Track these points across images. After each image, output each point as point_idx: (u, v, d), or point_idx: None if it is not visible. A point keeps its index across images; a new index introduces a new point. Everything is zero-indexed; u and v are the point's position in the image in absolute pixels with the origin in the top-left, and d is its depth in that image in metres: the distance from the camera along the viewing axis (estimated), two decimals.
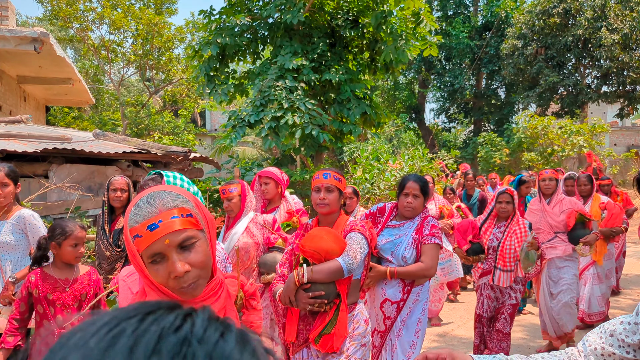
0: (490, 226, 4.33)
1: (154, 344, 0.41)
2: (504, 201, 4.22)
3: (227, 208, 3.66)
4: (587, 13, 17.28)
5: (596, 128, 16.56)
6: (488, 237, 4.27)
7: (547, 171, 4.89)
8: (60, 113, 16.86)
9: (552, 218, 4.73)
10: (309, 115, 6.77)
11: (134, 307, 0.46)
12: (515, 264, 4.10)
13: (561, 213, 4.70)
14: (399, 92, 23.70)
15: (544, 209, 4.78)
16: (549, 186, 4.79)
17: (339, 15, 8.26)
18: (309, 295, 2.50)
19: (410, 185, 3.22)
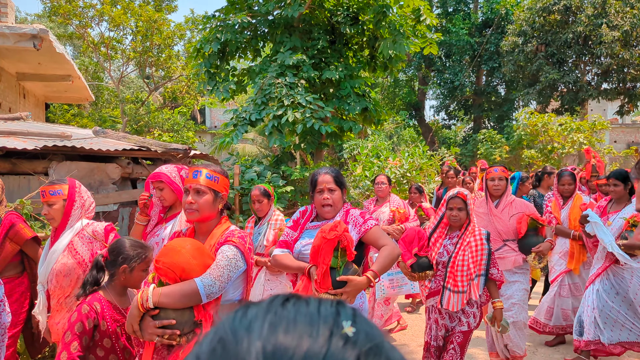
0: (441, 236, 3.59)
1: (333, 309, 0.48)
2: (455, 207, 3.47)
3: (47, 216, 2.95)
4: (587, 10, 17.25)
5: (596, 125, 16.54)
6: (437, 249, 3.53)
7: (497, 169, 4.23)
8: (59, 110, 16.84)
9: (500, 223, 4.13)
10: (310, 110, 6.77)
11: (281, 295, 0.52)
12: (468, 284, 3.37)
13: (511, 217, 4.09)
14: (398, 89, 23.68)
15: (491, 212, 4.17)
16: (498, 187, 4.17)
17: (339, 12, 8.24)
18: (156, 324, 1.99)
19: (322, 180, 2.79)
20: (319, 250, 2.47)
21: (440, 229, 3.61)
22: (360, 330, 0.46)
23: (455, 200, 3.49)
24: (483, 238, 3.44)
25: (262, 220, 4.40)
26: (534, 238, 4.03)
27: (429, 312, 3.60)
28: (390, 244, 2.69)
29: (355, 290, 2.44)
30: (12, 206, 4.48)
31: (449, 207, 3.50)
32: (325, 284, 2.44)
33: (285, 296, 0.51)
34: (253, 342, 0.44)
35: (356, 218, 2.79)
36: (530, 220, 4.02)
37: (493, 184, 4.20)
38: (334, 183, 2.79)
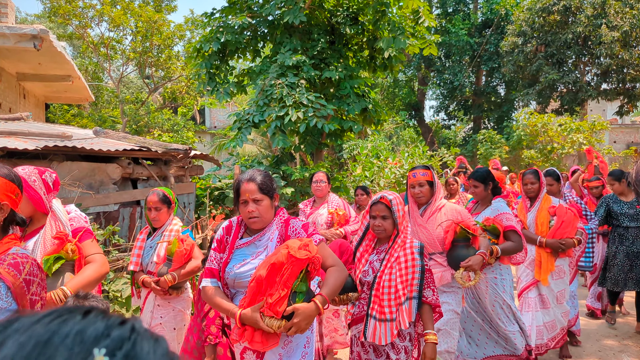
0: (367, 251, 2.97)
1: (102, 330, 0.45)
2: (377, 215, 2.85)
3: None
4: (587, 10, 17.27)
5: (596, 125, 16.57)
6: (362, 266, 2.91)
7: (416, 172, 3.58)
8: (59, 110, 16.84)
9: (425, 234, 3.51)
10: (312, 109, 6.78)
11: (68, 308, 0.49)
12: (397, 309, 2.72)
13: (438, 226, 3.49)
14: (398, 89, 23.70)
15: (414, 222, 3.56)
16: (420, 195, 3.54)
17: (339, 12, 8.26)
18: None
19: (245, 190, 2.39)
20: (280, 269, 2.12)
21: (367, 242, 2.98)
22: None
23: (377, 206, 2.86)
24: (415, 252, 2.81)
25: (157, 231, 3.67)
26: (463, 250, 3.34)
27: (352, 344, 2.97)
28: (338, 265, 2.39)
29: (305, 320, 2.14)
30: None
31: (371, 215, 2.90)
32: (276, 308, 2.12)
33: (57, 312, 0.47)
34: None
35: (298, 232, 2.40)
36: (460, 229, 3.34)
37: (413, 192, 3.55)
38: (260, 192, 2.39)
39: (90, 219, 5.12)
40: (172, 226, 3.64)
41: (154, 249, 3.58)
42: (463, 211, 3.56)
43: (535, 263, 4.38)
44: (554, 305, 4.43)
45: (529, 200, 4.54)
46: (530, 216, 4.47)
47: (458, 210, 3.53)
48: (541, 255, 4.35)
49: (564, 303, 4.45)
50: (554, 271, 4.36)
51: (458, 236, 3.36)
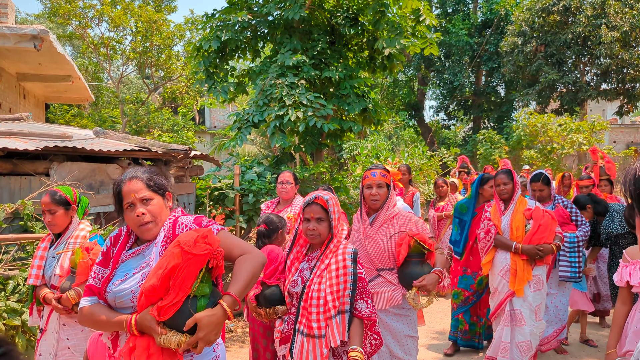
0: (298, 258, 2.67)
1: None
2: (312, 217, 2.55)
3: None
4: (586, 10, 17.28)
5: (595, 125, 16.57)
6: (292, 275, 2.60)
7: (375, 172, 3.16)
8: (59, 110, 16.85)
9: (374, 246, 3.07)
10: (312, 109, 6.79)
11: None
12: (326, 324, 2.40)
13: (390, 238, 3.04)
14: (398, 89, 23.71)
15: (364, 232, 3.13)
16: (376, 197, 3.11)
17: (339, 13, 8.26)
18: None
19: (129, 190, 1.98)
20: (175, 273, 1.72)
21: (298, 248, 2.67)
22: None
23: (312, 208, 2.55)
24: (347, 258, 2.48)
25: (60, 238, 3.16)
26: (417, 267, 2.92)
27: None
28: (249, 252, 1.93)
29: (212, 331, 1.74)
30: (14, 207, 4.50)
31: (304, 217, 2.58)
32: (168, 315, 1.73)
33: None
34: None
35: (190, 228, 1.95)
36: (414, 242, 2.92)
37: (370, 194, 3.12)
38: (148, 189, 2.00)
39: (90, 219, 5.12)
40: (77, 232, 3.13)
41: (57, 259, 3.06)
42: (418, 221, 3.14)
43: (510, 272, 3.95)
44: (531, 322, 3.90)
45: (502, 203, 4.17)
46: (505, 220, 4.09)
47: (413, 220, 3.12)
48: (517, 264, 3.92)
49: (543, 320, 4.00)
50: (532, 281, 3.91)
51: (412, 251, 2.93)
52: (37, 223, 4.54)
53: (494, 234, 4.07)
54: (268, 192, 7.16)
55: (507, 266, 3.97)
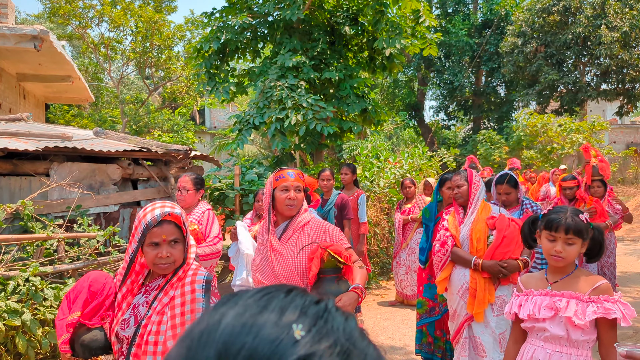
0: (132, 290, 2.04)
1: (301, 307, 0.54)
2: (165, 242, 1.96)
3: None
4: (586, 11, 17.29)
5: (595, 126, 16.59)
6: (123, 314, 1.99)
7: (293, 173, 2.65)
8: (59, 111, 16.85)
9: (282, 262, 2.56)
10: (312, 111, 6.79)
11: (274, 286, 0.59)
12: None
13: (300, 252, 2.56)
14: (398, 89, 23.71)
15: (269, 244, 2.60)
16: (294, 201, 2.59)
17: (339, 13, 8.27)
18: None
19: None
20: None
21: (133, 277, 1.99)
22: (314, 334, 0.51)
23: (163, 228, 1.92)
24: (197, 289, 1.91)
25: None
26: (332, 285, 2.49)
27: None
28: None
29: None
30: (14, 207, 4.50)
31: (152, 240, 1.92)
32: None
33: (267, 289, 0.58)
34: None
35: None
36: (328, 255, 2.48)
37: (287, 197, 2.59)
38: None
39: (90, 219, 5.13)
40: None
41: None
42: (333, 230, 2.66)
43: (469, 292, 3.30)
44: (495, 353, 3.24)
45: (462, 210, 3.56)
46: (464, 230, 3.45)
47: (327, 229, 2.64)
48: (477, 282, 3.26)
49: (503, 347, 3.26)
50: (495, 304, 3.26)
51: (325, 265, 2.49)
52: (37, 223, 4.55)
53: (451, 247, 3.45)
54: None
55: (466, 285, 3.34)
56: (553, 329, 2.12)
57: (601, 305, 2.05)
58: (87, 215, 5.22)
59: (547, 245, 2.19)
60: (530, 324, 2.20)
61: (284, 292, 0.57)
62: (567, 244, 2.14)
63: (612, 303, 2.05)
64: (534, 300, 2.20)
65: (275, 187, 2.63)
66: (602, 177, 5.74)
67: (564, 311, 2.09)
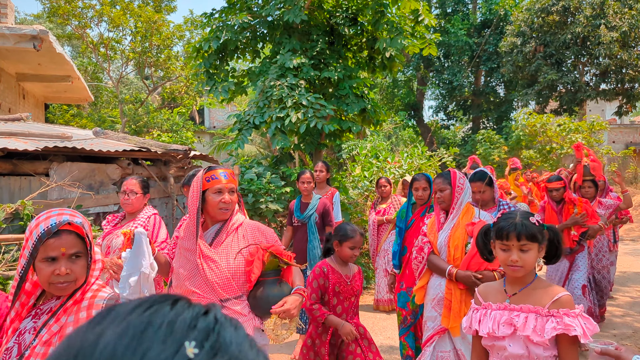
0: (20, 314, 1.69)
1: (190, 321, 0.48)
2: (64, 255, 1.63)
3: None
4: (586, 11, 17.31)
5: (595, 126, 16.60)
6: (7, 342, 1.68)
7: (226, 173, 2.44)
8: (59, 110, 16.85)
9: (216, 270, 2.33)
10: (312, 110, 6.79)
11: (157, 297, 0.52)
12: None
13: (236, 256, 2.36)
14: (397, 89, 23.72)
15: (200, 252, 2.36)
16: (227, 204, 2.40)
17: (338, 13, 8.27)
18: None
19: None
20: None
21: (24, 298, 1.68)
22: (208, 351, 0.45)
23: (61, 239, 1.60)
24: (93, 315, 1.33)
25: None
26: (274, 288, 2.32)
27: None
28: None
29: None
30: (14, 207, 4.51)
31: (48, 255, 1.60)
32: None
33: (149, 300, 0.50)
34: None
35: None
36: (270, 256, 2.32)
37: (221, 200, 2.37)
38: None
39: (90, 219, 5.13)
40: None
41: None
42: (268, 231, 2.51)
43: (444, 303, 3.08)
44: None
45: (444, 214, 3.30)
46: (442, 236, 3.21)
47: (262, 230, 2.49)
48: (452, 293, 3.04)
49: None
50: None
51: (267, 268, 2.33)
52: None
53: (427, 254, 3.22)
54: (267, 192, 7.17)
55: (441, 294, 3.11)
56: (513, 347, 1.95)
57: (561, 321, 1.88)
58: (87, 215, 5.22)
59: (502, 256, 2.01)
60: (489, 342, 2.02)
61: (169, 303, 0.50)
62: (522, 251, 1.97)
63: (572, 318, 1.88)
64: (493, 315, 2.02)
65: (206, 188, 2.39)
66: (593, 177, 5.45)
67: (522, 329, 1.92)
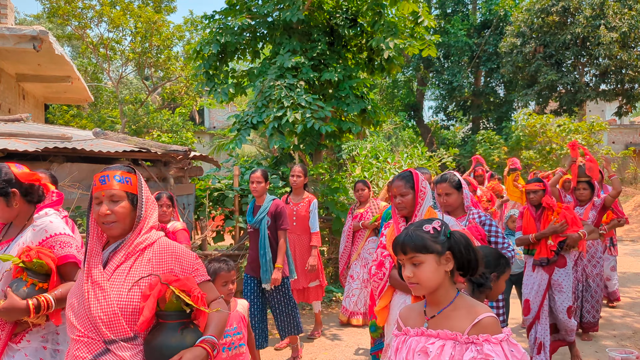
0: None
1: None
2: None
3: None
4: (585, 11, 17.31)
5: (594, 126, 16.62)
6: None
7: (109, 175, 2.00)
8: (59, 111, 16.86)
9: (104, 301, 1.80)
10: (311, 110, 6.79)
11: None
12: None
13: (132, 287, 1.82)
14: (397, 90, 23.73)
15: (90, 277, 1.85)
16: (111, 217, 1.87)
17: (338, 14, 8.27)
18: None
19: None
20: None
21: None
22: None
23: None
24: None
25: None
26: (174, 335, 1.78)
27: None
28: None
29: None
30: None
31: None
32: None
33: None
34: None
35: None
36: (172, 294, 1.77)
37: (100, 212, 1.87)
38: None
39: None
40: None
41: None
42: (186, 256, 1.94)
43: None
44: None
45: (404, 221, 2.90)
46: None
47: (177, 255, 1.93)
48: None
49: None
50: None
51: (168, 307, 1.79)
52: None
53: (389, 269, 2.83)
54: None
55: None
56: None
57: (481, 349, 1.59)
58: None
59: (403, 273, 1.74)
60: None
61: None
62: (413, 266, 1.69)
63: (494, 344, 1.59)
64: (409, 342, 1.74)
65: (93, 192, 1.95)
66: (589, 178, 5.08)
67: (436, 358, 1.63)
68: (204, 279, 1.97)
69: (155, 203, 2.07)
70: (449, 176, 3.34)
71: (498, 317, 3.15)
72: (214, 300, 1.98)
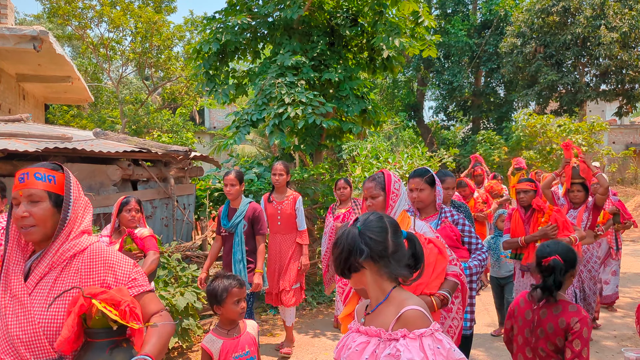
0: None
1: None
2: None
3: None
4: (586, 11, 17.31)
5: (595, 126, 16.60)
6: None
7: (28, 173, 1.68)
8: (59, 111, 16.86)
9: (23, 318, 1.59)
10: (311, 107, 6.77)
11: None
12: None
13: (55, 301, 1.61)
14: (397, 90, 23.73)
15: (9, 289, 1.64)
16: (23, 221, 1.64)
17: (339, 14, 8.27)
18: None
19: None
20: None
21: None
22: None
23: None
24: None
25: None
26: (101, 356, 1.59)
27: None
28: None
29: None
30: None
31: None
32: None
33: None
34: None
35: None
36: (97, 310, 1.56)
37: (14, 216, 1.67)
38: None
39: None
40: None
41: None
42: (122, 264, 1.72)
43: None
44: None
45: None
46: None
47: (111, 263, 1.70)
48: None
49: None
50: None
51: (94, 324, 1.58)
52: None
53: None
54: None
55: None
56: None
57: (395, 345, 1.49)
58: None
59: None
60: None
61: None
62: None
63: (410, 339, 1.47)
64: (345, 338, 1.70)
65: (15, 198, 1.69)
66: (583, 180, 4.87)
67: (357, 356, 1.55)
68: (143, 290, 1.72)
69: (89, 205, 1.81)
70: (422, 171, 3.19)
71: (471, 321, 3.16)
72: (156, 313, 1.72)
